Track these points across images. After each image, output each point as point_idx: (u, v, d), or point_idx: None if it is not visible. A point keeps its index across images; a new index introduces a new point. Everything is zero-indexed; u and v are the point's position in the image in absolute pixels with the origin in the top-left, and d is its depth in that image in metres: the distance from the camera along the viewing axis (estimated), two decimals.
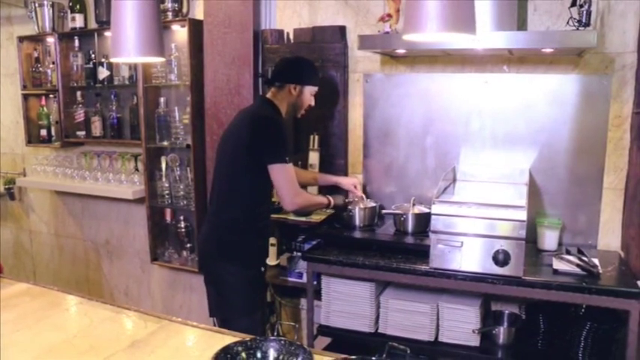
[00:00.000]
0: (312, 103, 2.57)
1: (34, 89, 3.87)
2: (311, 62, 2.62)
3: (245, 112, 2.54)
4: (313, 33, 2.99)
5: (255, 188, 2.43)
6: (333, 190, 2.87)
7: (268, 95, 2.53)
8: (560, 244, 2.54)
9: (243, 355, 1.39)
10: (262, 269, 2.59)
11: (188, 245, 3.48)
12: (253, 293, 2.49)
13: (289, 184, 2.38)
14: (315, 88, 2.55)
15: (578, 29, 2.23)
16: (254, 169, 2.37)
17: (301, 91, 2.50)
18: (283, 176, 2.37)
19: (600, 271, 2.21)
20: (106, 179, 3.66)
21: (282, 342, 1.42)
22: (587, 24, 2.23)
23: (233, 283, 2.42)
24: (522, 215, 2.15)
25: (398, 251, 2.50)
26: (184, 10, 3.28)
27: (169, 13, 3.23)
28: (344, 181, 2.83)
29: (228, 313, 2.44)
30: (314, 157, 2.97)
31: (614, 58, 2.47)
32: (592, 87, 2.51)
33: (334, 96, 2.98)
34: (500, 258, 2.19)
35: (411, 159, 2.89)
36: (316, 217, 2.84)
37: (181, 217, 3.46)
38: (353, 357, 1.34)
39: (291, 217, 2.87)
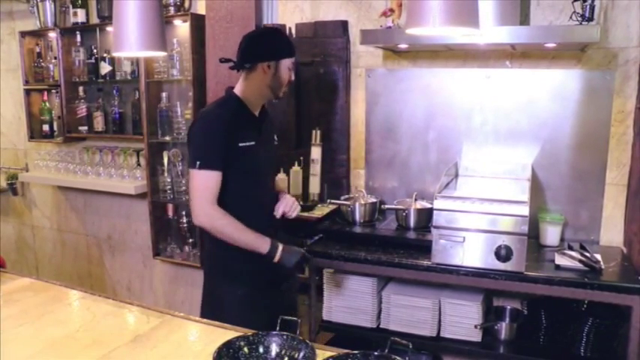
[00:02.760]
0: (292, 77, 2.14)
1: (36, 84, 3.86)
2: (279, 31, 2.26)
3: None
4: (315, 28, 2.98)
5: (222, 196, 2.06)
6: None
7: (237, 84, 2.16)
8: (562, 239, 2.55)
9: (246, 349, 1.40)
10: (267, 289, 2.16)
11: (190, 240, 3.48)
12: (242, 316, 1.95)
13: (195, 196, 2.02)
14: (291, 60, 2.12)
15: (581, 24, 2.22)
16: None
17: (277, 67, 2.08)
18: (191, 185, 2.03)
19: (602, 267, 2.21)
20: (108, 174, 3.67)
21: (285, 337, 1.42)
22: (591, 18, 2.22)
23: (220, 302, 2.14)
24: (524, 211, 2.15)
25: (400, 246, 2.50)
26: (186, 4, 3.27)
27: (171, 8, 3.22)
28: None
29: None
30: (316, 152, 2.97)
31: (617, 52, 2.46)
32: (595, 82, 2.50)
33: (336, 91, 2.97)
34: (503, 253, 2.19)
35: (413, 154, 2.89)
36: (318, 213, 2.84)
37: (183, 213, 3.45)
38: (355, 352, 1.34)
39: None
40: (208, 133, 2.04)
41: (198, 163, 1.99)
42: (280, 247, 2.07)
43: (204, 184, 2.00)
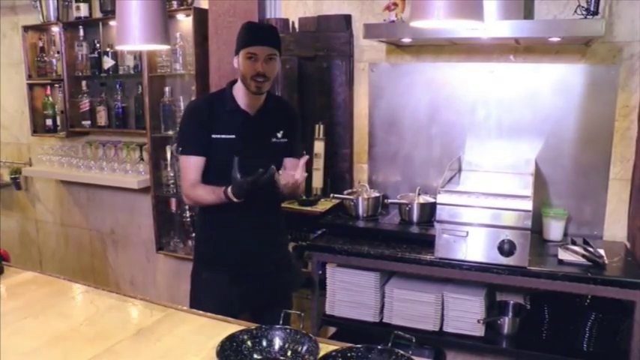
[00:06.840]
0: (259, 68, 2.06)
1: (39, 79, 3.87)
2: (247, 23, 2.22)
3: None
4: (318, 22, 2.97)
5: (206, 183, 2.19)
6: None
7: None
8: (565, 234, 2.54)
9: (249, 343, 1.40)
10: (235, 277, 2.19)
11: (193, 235, 3.48)
12: (203, 302, 2.07)
13: (182, 178, 2.23)
14: (248, 49, 2.08)
15: (585, 18, 2.21)
16: None
17: (239, 61, 2.12)
18: (180, 168, 2.29)
19: (606, 262, 2.20)
20: (111, 169, 3.67)
21: (288, 331, 1.43)
22: (595, 12, 2.21)
23: (191, 284, 2.31)
24: (528, 205, 2.15)
25: (403, 241, 2.50)
26: None
27: (174, 2, 3.21)
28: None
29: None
30: (319, 147, 2.96)
31: (622, 47, 2.45)
32: (599, 77, 2.49)
33: (339, 85, 2.96)
34: (506, 248, 2.19)
35: (416, 148, 2.88)
36: (321, 207, 2.84)
37: (186, 207, 3.46)
38: (358, 346, 1.34)
39: (296, 207, 2.87)
40: (183, 121, 2.28)
41: (180, 149, 2.20)
42: (229, 188, 2.02)
43: (185, 167, 2.19)
